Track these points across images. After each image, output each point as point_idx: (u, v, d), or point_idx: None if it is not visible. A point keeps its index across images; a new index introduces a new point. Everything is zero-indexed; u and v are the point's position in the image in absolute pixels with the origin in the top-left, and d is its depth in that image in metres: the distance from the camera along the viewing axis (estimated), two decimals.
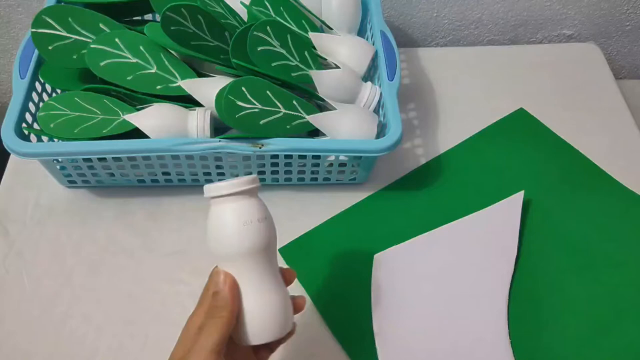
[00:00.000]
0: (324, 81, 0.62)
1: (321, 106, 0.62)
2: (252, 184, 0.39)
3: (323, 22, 0.67)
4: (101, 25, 0.60)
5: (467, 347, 0.53)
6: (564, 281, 0.57)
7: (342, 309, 0.55)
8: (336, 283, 0.57)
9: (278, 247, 0.46)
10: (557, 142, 0.69)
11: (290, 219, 0.62)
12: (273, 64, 0.60)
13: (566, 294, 0.56)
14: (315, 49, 0.65)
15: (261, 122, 0.56)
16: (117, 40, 0.59)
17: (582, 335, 0.54)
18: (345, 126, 0.59)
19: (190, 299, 0.57)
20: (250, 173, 0.62)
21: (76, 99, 0.58)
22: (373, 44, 0.67)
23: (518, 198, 0.61)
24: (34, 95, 0.61)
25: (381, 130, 0.62)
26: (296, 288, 0.55)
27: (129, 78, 0.58)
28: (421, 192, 0.64)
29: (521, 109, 0.72)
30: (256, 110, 0.56)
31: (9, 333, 0.54)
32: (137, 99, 0.60)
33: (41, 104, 0.58)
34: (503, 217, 0.60)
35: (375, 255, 0.58)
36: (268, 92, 0.57)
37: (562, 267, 0.58)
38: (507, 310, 0.55)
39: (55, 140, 0.58)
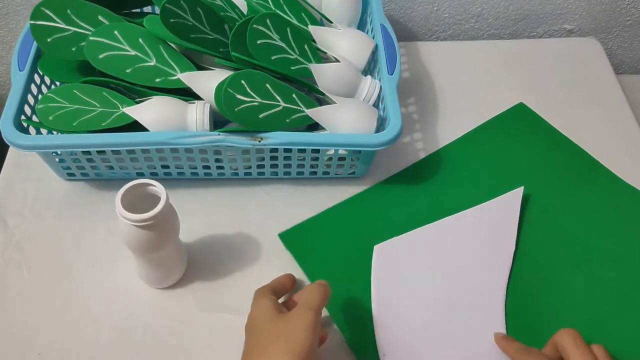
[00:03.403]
0: (323, 75, 0.62)
1: (321, 100, 0.62)
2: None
3: (323, 15, 0.67)
4: (100, 18, 0.60)
5: (465, 339, 0.53)
6: (561, 276, 0.57)
7: (342, 296, 0.55)
8: (337, 270, 0.57)
9: (280, 231, 0.60)
10: (557, 136, 0.69)
11: (289, 212, 0.62)
12: (273, 57, 0.60)
13: (564, 288, 0.56)
14: (315, 42, 0.65)
15: (260, 116, 0.56)
16: (116, 32, 0.58)
17: (579, 330, 0.54)
18: (345, 120, 0.59)
19: (187, 291, 0.57)
20: (250, 167, 0.62)
21: (75, 91, 0.58)
22: (373, 38, 0.67)
23: (518, 193, 0.61)
24: (33, 88, 0.61)
25: (381, 124, 0.62)
26: (295, 271, 0.56)
27: (128, 71, 0.58)
28: (420, 185, 0.64)
29: (521, 103, 0.72)
30: (255, 103, 0.56)
31: (8, 324, 0.54)
32: (136, 92, 0.59)
33: (40, 97, 0.58)
34: (502, 212, 0.61)
35: (376, 246, 0.58)
36: (267, 85, 0.57)
37: (560, 262, 0.58)
38: (504, 304, 0.55)
39: (54, 132, 0.58)
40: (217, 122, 0.60)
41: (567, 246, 0.59)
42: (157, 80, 0.59)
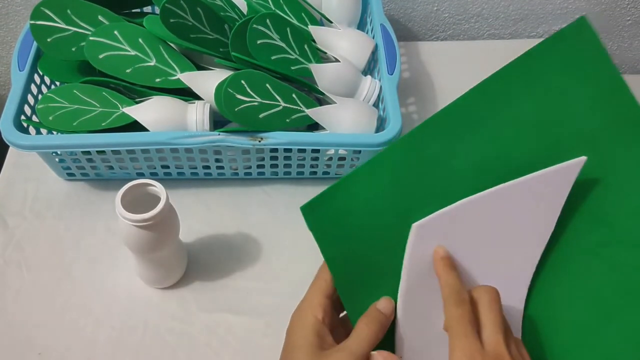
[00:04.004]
0: (323, 75, 0.62)
1: (321, 100, 0.62)
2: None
3: (323, 15, 0.67)
4: (100, 18, 0.60)
5: None
6: (577, 258, 0.50)
7: (362, 288, 0.46)
8: (362, 252, 0.47)
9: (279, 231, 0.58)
10: (614, 79, 0.53)
11: (289, 212, 0.62)
12: (273, 57, 0.60)
13: (577, 272, 0.49)
14: (315, 42, 0.65)
15: (260, 116, 0.56)
16: (116, 32, 0.58)
17: (588, 322, 0.49)
18: (345, 120, 0.59)
19: (187, 291, 0.57)
20: (250, 167, 0.62)
21: (75, 91, 0.58)
22: (373, 38, 0.67)
23: (576, 165, 0.49)
24: (33, 88, 0.61)
25: (381, 124, 0.62)
26: (299, 271, 0.55)
27: (128, 71, 0.58)
28: (454, 137, 0.50)
29: (582, 18, 0.52)
30: (255, 103, 0.56)
31: (8, 325, 0.54)
32: (136, 92, 0.59)
33: (40, 97, 0.58)
34: (551, 187, 0.49)
35: (415, 225, 0.45)
36: (267, 85, 0.57)
37: (577, 242, 0.50)
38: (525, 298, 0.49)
39: (54, 132, 0.58)
40: (217, 122, 0.60)
41: (589, 224, 0.50)
42: (157, 80, 0.59)
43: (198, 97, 0.59)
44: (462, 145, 0.49)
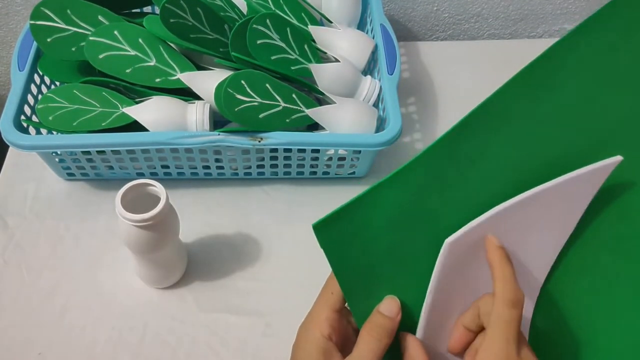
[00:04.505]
0: (323, 75, 0.62)
1: (320, 100, 0.62)
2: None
3: (323, 15, 0.67)
4: (100, 18, 0.60)
5: None
6: (593, 254, 0.46)
7: (373, 297, 0.42)
8: (374, 266, 0.43)
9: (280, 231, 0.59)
10: None
11: (289, 212, 0.63)
12: (272, 57, 0.60)
13: (592, 269, 0.46)
14: (314, 42, 0.65)
15: (260, 116, 0.56)
16: (116, 32, 0.58)
17: (598, 318, 0.45)
18: (345, 120, 0.59)
19: (187, 291, 0.57)
20: (250, 167, 0.62)
21: (75, 91, 0.58)
22: (373, 38, 0.67)
23: (608, 167, 0.44)
24: (33, 88, 0.61)
25: (380, 124, 0.62)
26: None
27: (128, 71, 0.58)
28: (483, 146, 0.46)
29: None
30: (255, 103, 0.56)
31: (7, 325, 0.54)
32: (136, 92, 0.59)
33: (40, 97, 0.58)
34: (577, 191, 0.44)
35: (448, 240, 0.40)
36: (267, 85, 0.57)
37: (596, 238, 0.46)
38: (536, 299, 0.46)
39: (54, 132, 0.58)
40: (217, 122, 0.60)
41: (613, 218, 0.46)
42: (157, 80, 0.59)
43: (198, 97, 0.59)
44: (496, 143, 0.45)
